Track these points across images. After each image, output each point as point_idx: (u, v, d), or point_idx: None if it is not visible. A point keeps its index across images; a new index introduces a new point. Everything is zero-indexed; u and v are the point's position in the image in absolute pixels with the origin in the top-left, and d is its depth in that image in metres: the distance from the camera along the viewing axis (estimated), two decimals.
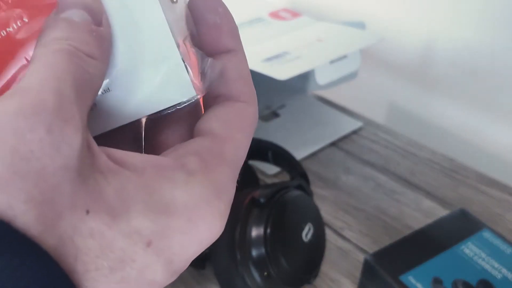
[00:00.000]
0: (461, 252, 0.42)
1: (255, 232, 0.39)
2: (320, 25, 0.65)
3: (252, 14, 0.67)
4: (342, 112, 0.73)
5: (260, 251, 0.39)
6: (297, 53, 0.56)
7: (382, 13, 0.80)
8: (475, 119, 0.75)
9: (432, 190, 0.60)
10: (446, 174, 0.63)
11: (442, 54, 0.75)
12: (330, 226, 0.54)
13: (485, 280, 0.40)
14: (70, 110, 0.15)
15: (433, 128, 0.80)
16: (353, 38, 0.61)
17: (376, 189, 0.60)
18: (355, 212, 0.56)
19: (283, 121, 0.71)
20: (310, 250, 0.42)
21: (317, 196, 0.58)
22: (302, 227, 0.42)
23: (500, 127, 0.72)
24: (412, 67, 0.80)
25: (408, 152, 0.66)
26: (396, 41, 0.80)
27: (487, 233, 0.44)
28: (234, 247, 0.39)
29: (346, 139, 0.68)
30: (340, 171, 0.63)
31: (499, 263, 0.41)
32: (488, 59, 0.70)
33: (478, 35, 0.70)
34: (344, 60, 0.59)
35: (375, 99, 0.87)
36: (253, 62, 0.54)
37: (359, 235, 0.53)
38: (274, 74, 0.51)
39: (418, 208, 0.57)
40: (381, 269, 0.41)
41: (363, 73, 0.70)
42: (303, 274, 0.42)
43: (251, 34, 0.62)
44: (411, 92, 0.82)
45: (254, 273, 0.39)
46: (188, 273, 0.48)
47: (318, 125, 0.70)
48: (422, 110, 0.81)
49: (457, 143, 0.77)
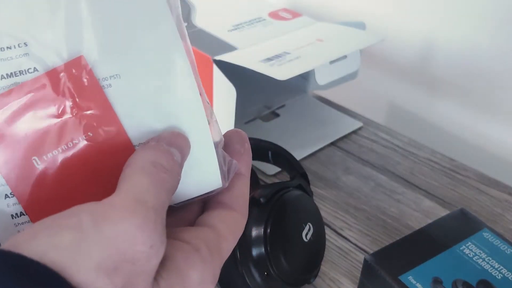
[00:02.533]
0: (461, 252, 0.42)
1: (255, 232, 0.40)
2: (320, 25, 0.65)
3: (252, 14, 0.67)
4: (342, 112, 0.73)
5: (260, 251, 0.39)
6: (297, 53, 0.56)
7: (382, 13, 0.80)
8: (475, 119, 0.75)
9: (432, 190, 0.60)
10: (446, 174, 0.63)
11: (442, 54, 0.75)
12: (330, 226, 0.54)
13: (485, 280, 0.40)
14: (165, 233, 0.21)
15: (433, 128, 0.80)
16: (353, 38, 0.61)
17: (376, 189, 0.60)
18: (355, 212, 0.56)
19: (283, 121, 0.71)
20: (310, 250, 0.42)
21: (317, 196, 0.58)
22: (302, 227, 0.42)
23: (500, 127, 0.72)
24: (412, 67, 0.80)
25: (408, 152, 0.66)
26: (396, 41, 0.80)
27: (487, 233, 0.44)
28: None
29: (346, 139, 0.68)
30: (340, 171, 0.63)
31: (499, 263, 0.41)
32: (488, 59, 0.70)
33: (478, 35, 0.70)
34: (344, 60, 0.59)
35: (375, 99, 0.87)
36: (253, 62, 0.54)
37: (359, 235, 0.53)
38: (274, 74, 0.51)
39: (418, 208, 0.57)
40: (381, 269, 0.41)
41: (363, 73, 0.70)
42: (303, 274, 0.42)
43: (251, 34, 0.62)
44: (411, 92, 0.82)
45: (254, 273, 0.39)
46: None
47: (318, 125, 0.70)
48: (422, 110, 0.81)
49: (457, 143, 0.77)
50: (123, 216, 0.19)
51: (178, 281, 0.21)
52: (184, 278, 0.22)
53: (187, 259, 0.22)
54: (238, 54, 0.57)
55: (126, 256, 0.19)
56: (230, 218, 0.26)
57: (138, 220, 0.19)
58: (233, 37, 0.61)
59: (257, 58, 0.55)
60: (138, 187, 0.21)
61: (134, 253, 0.19)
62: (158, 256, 0.20)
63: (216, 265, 0.23)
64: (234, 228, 0.26)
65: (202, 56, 0.56)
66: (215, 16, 0.67)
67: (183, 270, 0.22)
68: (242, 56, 0.56)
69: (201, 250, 0.23)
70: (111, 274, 0.19)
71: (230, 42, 0.59)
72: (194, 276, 0.22)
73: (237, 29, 0.63)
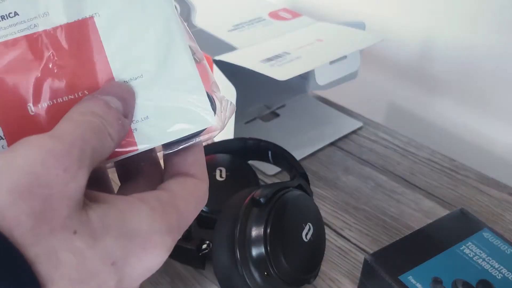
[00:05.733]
0: (461, 252, 0.42)
1: (255, 232, 0.40)
2: (320, 25, 0.65)
3: (252, 14, 0.67)
4: (342, 112, 0.73)
5: (260, 251, 0.39)
6: (297, 53, 0.56)
7: (382, 13, 0.80)
8: (475, 119, 0.75)
9: (432, 190, 0.60)
10: (446, 174, 0.63)
11: (442, 54, 0.75)
12: (330, 226, 0.55)
13: (485, 280, 0.40)
14: (84, 162, 0.21)
15: (433, 128, 0.80)
16: (353, 38, 0.61)
17: (376, 189, 0.60)
18: (355, 212, 0.56)
19: (283, 121, 0.71)
20: (310, 250, 0.42)
21: (317, 196, 0.58)
22: (302, 227, 0.42)
23: (500, 127, 0.72)
24: (412, 67, 0.80)
25: (408, 152, 0.66)
26: (396, 41, 0.80)
27: (487, 233, 0.44)
28: (234, 247, 0.39)
29: (346, 139, 0.68)
30: (340, 171, 0.63)
31: (499, 263, 0.41)
32: (488, 59, 0.70)
33: (478, 35, 0.70)
34: (344, 60, 0.59)
35: (375, 99, 0.87)
36: (253, 62, 0.54)
37: (359, 235, 0.53)
38: (274, 74, 0.51)
39: (418, 208, 0.57)
40: (380, 269, 0.41)
41: (363, 73, 0.70)
42: (303, 274, 0.42)
43: (251, 34, 0.62)
44: (411, 92, 0.82)
45: (254, 273, 0.39)
46: (188, 273, 0.48)
47: (318, 125, 0.70)
48: (422, 110, 0.81)
49: (457, 143, 0.77)
50: (32, 145, 0.20)
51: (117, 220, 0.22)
52: (126, 219, 0.22)
53: (132, 205, 0.23)
54: (238, 54, 0.57)
55: (40, 180, 0.19)
56: (188, 181, 0.26)
57: (47, 146, 0.20)
58: (233, 37, 0.61)
59: (257, 58, 0.55)
60: (56, 128, 0.22)
61: (48, 177, 0.20)
62: (76, 181, 0.20)
63: (170, 217, 0.23)
64: (192, 190, 0.26)
65: None
66: (215, 16, 0.67)
67: (125, 212, 0.22)
68: (242, 56, 0.56)
69: (150, 201, 0.23)
70: (27, 198, 0.19)
71: (230, 42, 0.59)
72: (139, 221, 0.22)
73: (237, 29, 0.63)
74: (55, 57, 0.24)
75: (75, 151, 0.21)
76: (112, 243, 0.21)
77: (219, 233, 0.41)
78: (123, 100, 0.24)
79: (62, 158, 0.20)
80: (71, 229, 0.20)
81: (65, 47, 0.24)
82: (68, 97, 0.25)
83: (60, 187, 0.20)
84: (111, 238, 0.21)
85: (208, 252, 0.45)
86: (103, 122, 0.23)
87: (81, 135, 0.21)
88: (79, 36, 0.24)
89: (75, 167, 0.20)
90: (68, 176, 0.20)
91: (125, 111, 0.24)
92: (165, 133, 0.25)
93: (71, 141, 0.21)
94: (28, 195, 0.19)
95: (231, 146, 0.54)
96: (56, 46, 0.24)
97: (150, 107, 0.25)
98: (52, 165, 0.20)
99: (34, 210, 0.19)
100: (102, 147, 0.22)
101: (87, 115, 0.23)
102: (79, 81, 0.25)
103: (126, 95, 0.25)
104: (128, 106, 0.25)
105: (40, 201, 0.19)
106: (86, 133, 0.22)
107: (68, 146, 0.21)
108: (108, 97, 0.24)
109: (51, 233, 0.20)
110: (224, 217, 0.41)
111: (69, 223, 0.20)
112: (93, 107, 0.23)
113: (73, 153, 0.21)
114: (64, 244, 0.20)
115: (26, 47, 0.24)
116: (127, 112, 0.24)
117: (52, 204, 0.20)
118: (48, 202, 0.19)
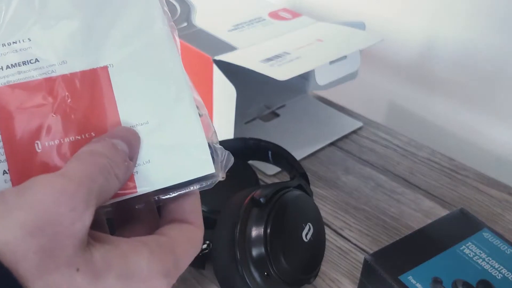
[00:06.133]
0: (461, 252, 0.42)
1: (255, 232, 0.40)
2: (320, 25, 0.65)
3: (252, 14, 0.67)
4: (342, 112, 0.73)
5: (260, 251, 0.39)
6: (297, 53, 0.56)
7: (382, 13, 0.80)
8: (475, 119, 0.75)
9: (432, 190, 0.60)
10: (446, 174, 0.63)
11: (442, 54, 0.75)
12: (330, 226, 0.55)
13: (485, 280, 0.40)
14: (91, 202, 0.22)
15: (433, 128, 0.80)
16: (353, 38, 0.61)
17: (375, 189, 0.60)
18: (355, 212, 0.56)
19: (283, 121, 0.71)
20: (310, 250, 0.42)
21: (317, 196, 0.58)
22: (302, 227, 0.42)
23: (500, 127, 0.72)
24: (412, 67, 0.80)
25: (408, 152, 0.66)
26: (396, 41, 0.80)
27: (487, 233, 0.44)
28: (234, 247, 0.39)
29: (346, 139, 0.68)
30: (340, 171, 0.63)
31: (499, 263, 0.41)
32: (488, 59, 0.70)
33: (478, 35, 0.70)
34: (344, 60, 0.59)
35: (375, 99, 0.87)
36: (253, 62, 0.54)
37: (359, 235, 0.53)
38: (274, 74, 0.51)
39: (418, 208, 0.57)
40: (380, 269, 0.41)
41: (363, 73, 0.70)
42: (303, 274, 0.42)
43: (251, 34, 0.62)
44: (411, 92, 0.82)
45: (254, 273, 0.39)
46: (188, 273, 0.48)
47: (318, 125, 0.70)
48: (422, 110, 0.81)
49: (457, 143, 0.77)
50: (43, 184, 0.21)
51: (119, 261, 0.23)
52: (128, 261, 0.23)
53: (134, 247, 0.24)
54: (238, 54, 0.57)
55: (49, 218, 0.20)
56: (185, 228, 0.27)
57: (57, 186, 0.21)
58: (233, 37, 0.61)
59: (257, 58, 0.55)
60: (66, 167, 0.23)
61: (56, 215, 0.21)
62: (82, 221, 0.21)
63: (167, 261, 0.25)
64: (188, 235, 0.27)
65: (202, 56, 0.56)
66: (215, 16, 0.67)
67: (127, 254, 0.23)
68: (242, 56, 0.56)
69: (150, 244, 0.24)
70: (36, 235, 0.20)
71: (230, 42, 0.59)
72: (140, 262, 0.23)
73: (237, 29, 0.63)
74: (68, 99, 0.26)
75: (83, 191, 0.22)
76: (113, 282, 0.22)
77: (219, 233, 0.41)
78: (129, 143, 0.26)
79: (71, 198, 0.21)
80: (75, 267, 0.21)
81: (79, 91, 0.26)
82: (75, 138, 0.26)
83: (67, 226, 0.21)
84: (112, 278, 0.22)
85: (208, 252, 0.45)
86: (110, 163, 0.24)
87: (89, 175, 0.23)
88: (92, 82, 0.26)
89: (82, 207, 0.22)
90: (76, 215, 0.21)
91: (131, 154, 0.26)
92: (165, 178, 0.27)
93: (80, 180, 0.22)
94: (38, 232, 0.20)
95: (231, 146, 0.54)
96: (71, 89, 0.26)
97: (153, 152, 0.27)
98: (62, 204, 0.21)
99: (42, 247, 0.20)
100: (108, 186, 0.24)
101: (96, 155, 0.24)
102: (87, 123, 0.26)
103: (132, 139, 0.26)
104: (133, 149, 0.26)
105: (48, 239, 0.20)
106: (93, 173, 0.23)
107: (77, 185, 0.22)
108: (115, 140, 0.25)
109: (55, 269, 0.21)
110: (224, 217, 0.41)
111: (73, 260, 0.21)
112: (101, 148, 0.24)
113: (81, 193, 0.22)
114: (67, 280, 0.21)
115: (43, 88, 0.26)
116: (132, 155, 0.26)
117: (59, 242, 0.21)
118: (55, 240, 0.21)
